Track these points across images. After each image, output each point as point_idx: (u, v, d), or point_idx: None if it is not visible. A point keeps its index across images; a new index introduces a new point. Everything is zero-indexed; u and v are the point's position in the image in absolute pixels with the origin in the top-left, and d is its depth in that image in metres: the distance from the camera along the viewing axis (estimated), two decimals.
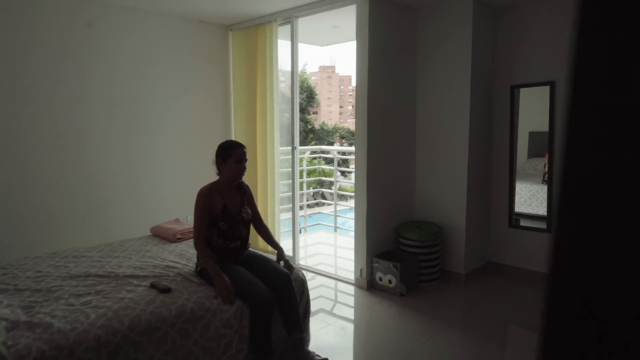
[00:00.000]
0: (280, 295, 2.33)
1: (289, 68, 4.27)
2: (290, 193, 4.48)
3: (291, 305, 2.35)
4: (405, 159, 4.00)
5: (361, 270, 3.73)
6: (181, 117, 4.34)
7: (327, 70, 76.18)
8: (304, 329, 2.42)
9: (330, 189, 6.12)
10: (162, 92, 4.18)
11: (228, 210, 2.42)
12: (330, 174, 6.32)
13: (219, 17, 4.31)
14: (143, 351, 1.86)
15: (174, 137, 4.29)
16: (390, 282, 3.57)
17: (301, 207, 5.45)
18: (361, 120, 3.60)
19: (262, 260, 2.50)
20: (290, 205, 4.50)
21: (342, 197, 6.23)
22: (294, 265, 2.56)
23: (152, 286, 2.21)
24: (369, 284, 3.70)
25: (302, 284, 2.54)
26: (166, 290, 2.15)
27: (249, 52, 4.43)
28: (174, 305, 2.04)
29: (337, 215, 5.75)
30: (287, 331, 2.33)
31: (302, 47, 4.64)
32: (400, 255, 3.76)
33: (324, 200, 7.10)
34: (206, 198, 2.38)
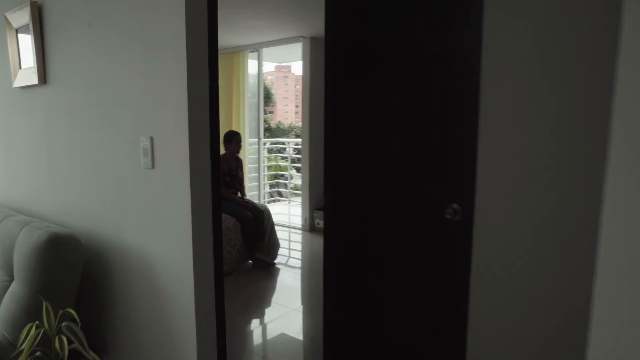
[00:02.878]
0: (255, 220, 4.18)
1: (255, 71, 6.15)
2: (257, 174, 6.33)
3: (261, 227, 4.20)
4: None
5: (305, 218, 5.63)
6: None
7: (283, 70, 77.66)
8: (265, 242, 4.25)
9: (286, 186, 7.98)
10: None
11: (230, 170, 4.25)
12: (285, 169, 8.20)
13: None
14: None
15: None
16: None
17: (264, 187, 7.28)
18: (305, 115, 5.50)
19: (250, 202, 4.34)
20: (256, 183, 6.34)
21: (297, 194, 7.97)
22: (254, 204, 4.37)
23: None
24: (310, 228, 5.60)
25: (269, 213, 4.40)
26: None
27: (227, 72, 6.21)
28: None
29: (292, 191, 7.62)
30: (256, 240, 4.18)
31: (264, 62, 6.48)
32: None
33: (279, 197, 8.93)
34: (220, 162, 4.20)
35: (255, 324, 3.17)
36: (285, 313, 3.26)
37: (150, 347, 1.96)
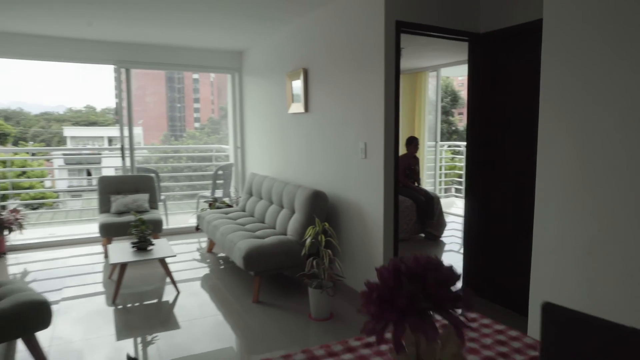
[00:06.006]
0: (427, 202, 5.59)
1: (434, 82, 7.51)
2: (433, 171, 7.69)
3: (431, 208, 5.59)
4: None
5: None
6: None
7: None
8: (434, 220, 5.61)
9: (461, 184, 9.04)
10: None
11: (410, 165, 5.77)
12: (460, 169, 9.27)
13: None
14: None
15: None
16: None
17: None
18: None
19: (423, 189, 5.79)
20: (432, 180, 7.70)
21: None
22: (427, 191, 5.76)
23: None
24: None
25: (438, 199, 5.75)
26: None
27: (410, 89, 7.73)
28: None
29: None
30: (426, 217, 5.58)
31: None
32: None
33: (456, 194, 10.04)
34: (402, 159, 5.77)
35: None
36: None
37: (356, 251, 3.61)
